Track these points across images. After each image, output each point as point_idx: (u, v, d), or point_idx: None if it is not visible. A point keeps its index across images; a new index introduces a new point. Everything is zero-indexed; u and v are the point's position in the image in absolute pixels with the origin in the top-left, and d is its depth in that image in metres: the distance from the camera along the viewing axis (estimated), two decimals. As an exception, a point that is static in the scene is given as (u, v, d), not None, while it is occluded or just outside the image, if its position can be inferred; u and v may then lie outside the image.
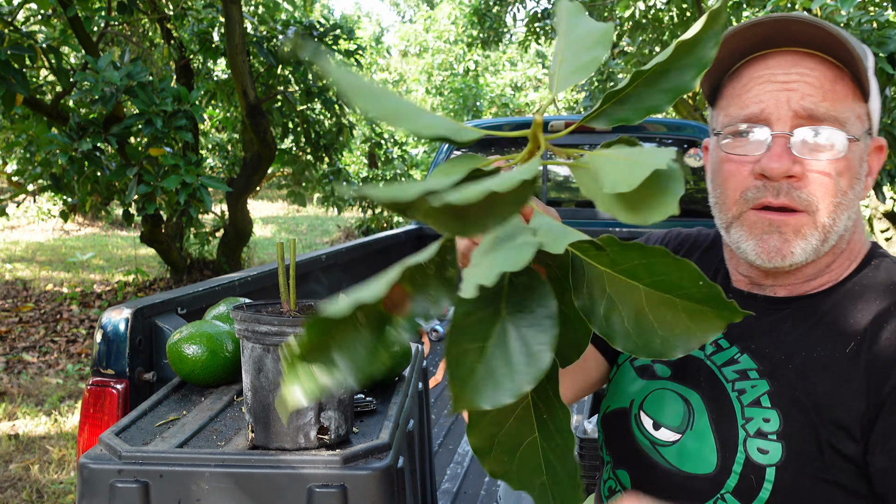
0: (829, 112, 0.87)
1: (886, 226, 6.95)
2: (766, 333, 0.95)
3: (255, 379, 0.99)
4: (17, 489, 3.32)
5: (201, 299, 1.92)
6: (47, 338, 5.91)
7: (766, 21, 0.87)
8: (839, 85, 0.88)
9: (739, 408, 0.92)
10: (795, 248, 0.89)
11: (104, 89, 4.49)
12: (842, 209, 0.89)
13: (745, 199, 0.91)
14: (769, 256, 0.90)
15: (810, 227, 0.89)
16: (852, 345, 0.88)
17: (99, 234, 13.68)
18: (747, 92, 0.91)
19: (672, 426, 0.97)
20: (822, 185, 0.88)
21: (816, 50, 0.88)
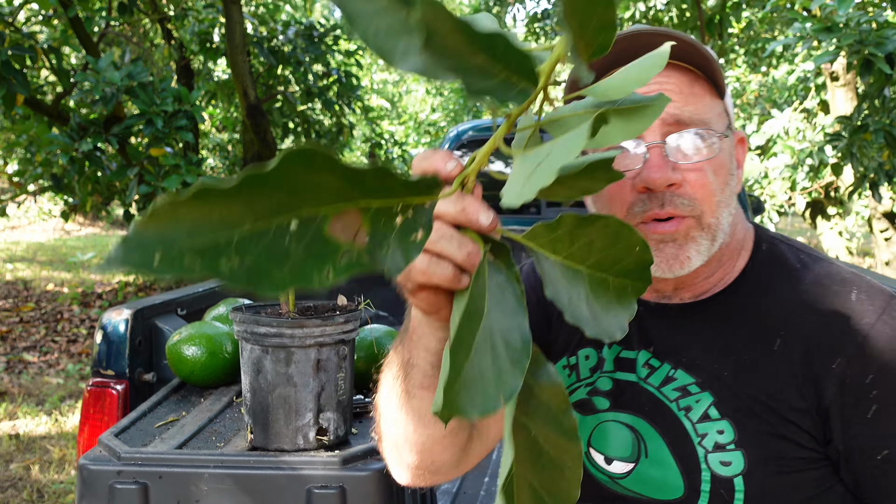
0: (693, 115, 0.89)
1: (885, 226, 6.94)
2: (691, 343, 0.96)
3: (254, 380, 1.00)
4: (18, 489, 3.32)
5: (201, 300, 1.92)
6: (48, 338, 5.92)
7: (619, 38, 0.87)
8: (696, 87, 0.90)
9: (690, 426, 0.92)
10: (690, 252, 0.90)
11: (105, 89, 4.49)
12: (723, 206, 0.91)
13: (632, 214, 0.91)
14: (669, 266, 0.90)
15: (698, 229, 0.90)
16: (779, 341, 0.89)
17: (99, 234, 13.69)
18: None
19: (623, 457, 0.97)
20: (702, 186, 0.89)
21: (671, 58, 0.89)
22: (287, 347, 0.97)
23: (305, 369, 0.98)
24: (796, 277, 0.92)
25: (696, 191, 0.89)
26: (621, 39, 0.86)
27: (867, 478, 0.85)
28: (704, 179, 0.89)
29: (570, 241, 0.53)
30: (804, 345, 0.87)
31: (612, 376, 1.00)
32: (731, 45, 8.87)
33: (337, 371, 1.01)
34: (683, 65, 0.90)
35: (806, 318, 0.88)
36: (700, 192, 0.89)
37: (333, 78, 7.37)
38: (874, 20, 4.25)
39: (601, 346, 1.03)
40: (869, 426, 0.84)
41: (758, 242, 0.98)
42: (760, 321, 0.91)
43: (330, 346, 0.99)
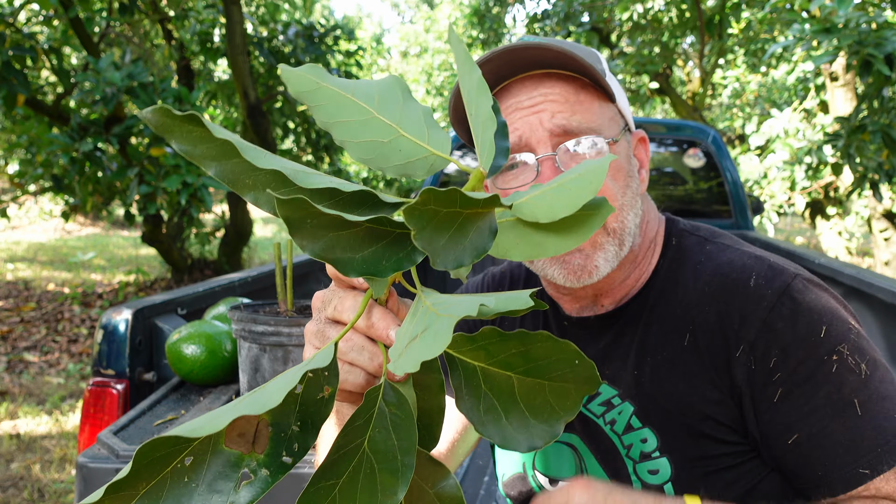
0: (581, 123, 0.88)
1: (885, 226, 6.94)
2: (612, 354, 0.95)
3: (252, 379, 1.01)
4: (19, 488, 3.33)
5: (201, 300, 1.93)
6: (49, 337, 5.93)
7: (495, 56, 0.87)
8: (582, 95, 0.90)
9: (616, 438, 0.93)
10: (598, 260, 0.89)
11: (105, 90, 4.51)
12: (626, 210, 0.91)
13: None
14: (577, 276, 0.90)
15: (602, 235, 0.89)
16: (688, 336, 0.89)
17: (100, 234, 13.71)
18: None
19: (568, 477, 0.98)
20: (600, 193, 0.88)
21: (551, 68, 0.89)
22: (284, 346, 0.98)
23: (302, 368, 0.99)
24: (699, 270, 0.92)
25: None
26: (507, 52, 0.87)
27: (784, 461, 0.85)
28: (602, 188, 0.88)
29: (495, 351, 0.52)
30: (709, 337, 0.87)
31: None
32: (731, 46, 8.87)
33: (334, 369, 1.03)
34: (568, 73, 0.89)
35: (708, 309, 0.88)
36: None
37: (333, 78, 7.38)
38: (873, 21, 4.26)
39: None
40: (777, 411, 0.83)
41: (668, 237, 0.98)
42: (670, 319, 0.91)
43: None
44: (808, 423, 0.82)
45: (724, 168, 4.07)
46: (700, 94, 9.31)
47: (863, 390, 0.81)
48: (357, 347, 0.60)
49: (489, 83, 0.90)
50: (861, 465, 0.79)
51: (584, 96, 0.90)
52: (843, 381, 0.81)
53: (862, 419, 0.80)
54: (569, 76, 0.89)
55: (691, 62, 10.54)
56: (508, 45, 0.87)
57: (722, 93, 10.43)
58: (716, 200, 4.05)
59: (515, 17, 10.58)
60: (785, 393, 0.83)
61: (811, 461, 0.82)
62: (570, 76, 0.89)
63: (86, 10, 5.57)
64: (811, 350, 0.82)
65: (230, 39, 6.18)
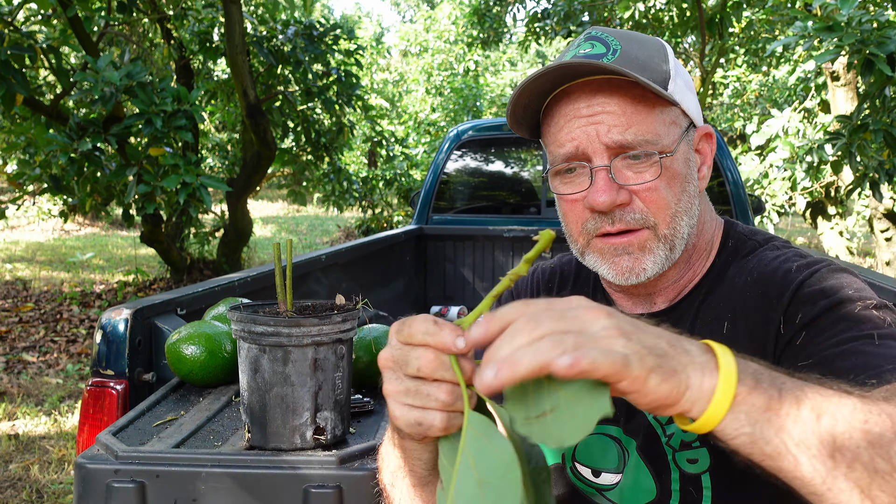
0: (637, 136, 0.89)
1: (886, 225, 6.93)
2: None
3: (252, 379, 1.00)
4: (17, 489, 3.32)
5: (201, 300, 1.92)
6: (47, 338, 5.91)
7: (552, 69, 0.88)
8: (641, 105, 0.90)
9: (659, 426, 0.94)
10: (646, 263, 0.92)
11: (104, 89, 4.49)
12: (680, 216, 0.93)
13: (585, 230, 0.94)
14: (624, 276, 0.93)
15: (654, 241, 0.92)
16: (726, 324, 0.92)
17: (99, 234, 13.69)
18: (559, 130, 0.93)
19: (611, 468, 0.99)
20: (653, 202, 0.91)
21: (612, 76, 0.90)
22: (284, 346, 0.97)
23: (303, 368, 0.98)
24: (745, 264, 0.95)
25: (648, 205, 0.91)
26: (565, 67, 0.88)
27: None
28: (656, 195, 0.91)
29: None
30: (750, 322, 0.89)
31: None
32: (732, 45, 8.86)
33: (334, 370, 1.01)
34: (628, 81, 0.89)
35: (749, 295, 0.91)
36: (651, 206, 0.91)
37: (333, 77, 7.37)
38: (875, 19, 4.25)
39: None
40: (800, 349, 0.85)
41: (725, 239, 1.00)
42: (713, 311, 0.94)
43: (327, 346, 0.99)
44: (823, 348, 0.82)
45: (724, 167, 4.06)
46: (701, 94, 9.30)
47: (884, 330, 0.81)
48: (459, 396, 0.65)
49: (547, 86, 0.92)
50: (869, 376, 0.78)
51: (643, 106, 0.90)
52: (864, 320, 0.82)
53: (878, 347, 0.80)
54: (629, 82, 0.89)
55: (692, 62, 10.53)
56: (567, 61, 0.88)
57: (723, 92, 10.42)
58: (716, 200, 4.04)
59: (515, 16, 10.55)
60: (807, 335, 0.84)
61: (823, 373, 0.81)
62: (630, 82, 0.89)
63: (84, 10, 5.55)
64: (837, 300, 0.84)
65: (229, 39, 6.17)
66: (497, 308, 0.61)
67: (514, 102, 0.94)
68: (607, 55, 0.91)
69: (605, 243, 0.93)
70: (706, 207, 1.00)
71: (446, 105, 15.63)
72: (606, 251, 0.94)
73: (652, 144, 0.90)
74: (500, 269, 4.51)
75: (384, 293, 3.87)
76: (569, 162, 0.92)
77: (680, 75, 0.94)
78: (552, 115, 0.94)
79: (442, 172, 4.55)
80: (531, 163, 4.77)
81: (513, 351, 0.56)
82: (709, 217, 1.00)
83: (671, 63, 0.94)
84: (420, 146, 13.44)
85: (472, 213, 4.61)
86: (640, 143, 0.89)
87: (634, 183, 0.90)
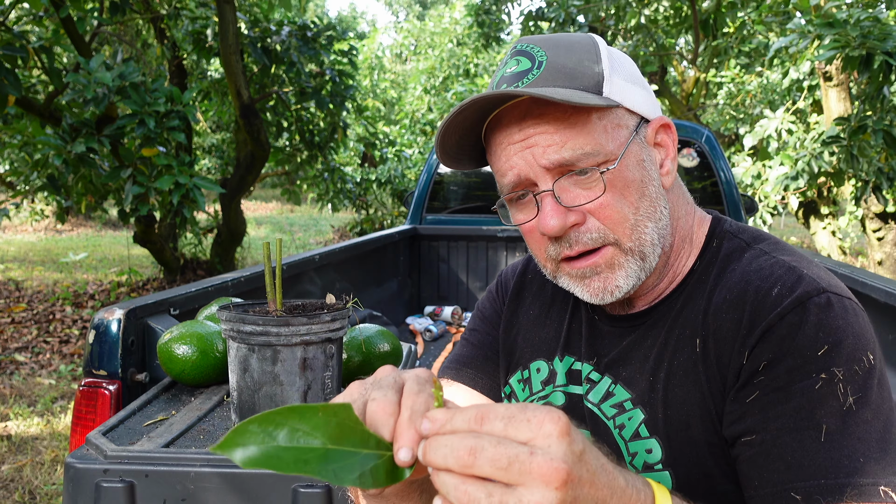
0: (575, 152, 0.83)
1: (878, 225, 6.97)
2: (631, 356, 0.93)
3: (241, 378, 1.00)
4: (10, 490, 3.31)
5: (194, 300, 1.92)
6: (40, 338, 5.89)
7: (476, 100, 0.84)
8: (574, 117, 0.84)
9: (623, 444, 0.91)
10: (618, 280, 0.87)
11: (96, 90, 4.47)
12: (642, 224, 0.87)
13: (549, 256, 0.91)
14: (599, 296, 0.89)
15: (620, 255, 0.87)
16: (698, 342, 0.86)
17: (91, 234, 13.65)
18: (498, 160, 0.88)
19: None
20: (608, 217, 0.85)
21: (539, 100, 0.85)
22: (273, 346, 0.97)
23: (292, 368, 0.98)
24: (728, 276, 0.88)
25: (604, 222, 0.86)
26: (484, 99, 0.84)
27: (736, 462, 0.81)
28: (610, 210, 0.85)
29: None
30: (720, 345, 0.84)
31: (564, 390, 0.98)
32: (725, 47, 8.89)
33: (324, 370, 1.01)
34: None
35: (724, 317, 0.84)
36: (608, 222, 0.86)
37: (327, 77, 7.36)
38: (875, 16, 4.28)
39: (552, 357, 1.01)
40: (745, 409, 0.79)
41: (710, 237, 0.94)
42: (691, 324, 0.88)
43: (317, 345, 0.99)
44: (766, 428, 0.76)
45: (717, 168, 4.08)
46: (694, 95, 9.33)
47: (836, 420, 0.74)
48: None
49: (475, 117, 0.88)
50: (796, 488, 0.73)
51: (577, 118, 0.84)
52: (820, 403, 0.75)
53: (821, 445, 0.73)
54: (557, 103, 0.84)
55: (685, 62, 10.56)
56: (481, 95, 0.83)
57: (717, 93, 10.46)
58: (709, 200, 4.06)
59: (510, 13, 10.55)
60: (760, 395, 0.78)
61: (753, 467, 0.77)
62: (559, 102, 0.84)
63: (77, 10, 5.54)
64: (802, 363, 0.77)
65: (223, 39, 6.16)
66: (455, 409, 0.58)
67: (442, 142, 0.89)
68: (532, 70, 0.86)
69: (572, 268, 0.89)
70: (679, 202, 0.94)
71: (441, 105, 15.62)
72: (574, 275, 0.89)
73: (593, 157, 0.84)
74: (494, 269, 4.52)
75: (378, 293, 3.88)
76: (515, 190, 0.88)
77: (617, 72, 0.88)
78: (489, 144, 0.90)
79: (436, 172, 4.55)
80: (525, 163, 4.78)
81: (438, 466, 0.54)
82: (683, 212, 0.94)
83: (604, 61, 0.88)
84: (415, 146, 13.43)
85: (465, 213, 4.61)
86: (580, 158, 0.83)
87: (584, 202, 0.85)
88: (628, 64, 0.91)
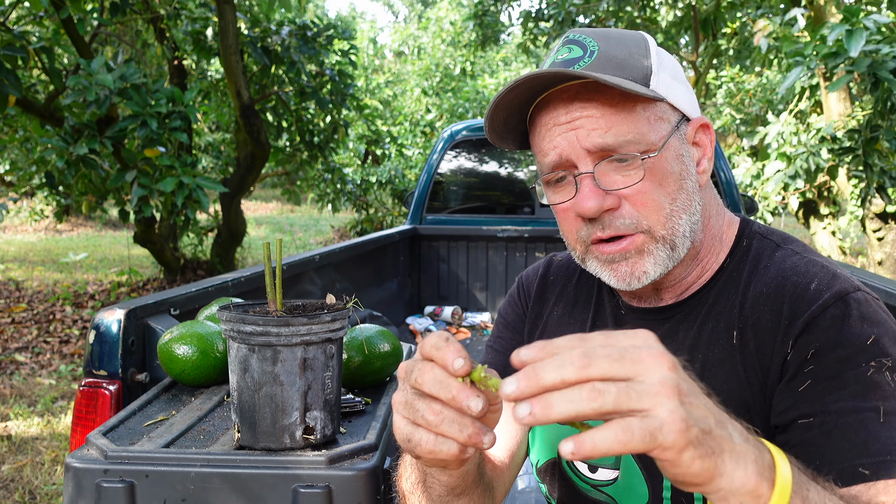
0: (618, 138, 0.86)
1: (878, 225, 6.97)
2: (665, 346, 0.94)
3: (241, 379, 1.00)
4: (10, 490, 3.31)
5: (194, 300, 1.92)
6: (40, 338, 5.89)
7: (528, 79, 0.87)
8: (621, 105, 0.87)
9: None
10: (646, 266, 0.90)
11: (97, 92, 4.47)
12: (677, 215, 0.89)
13: (580, 238, 0.93)
14: (625, 281, 0.91)
15: (651, 242, 0.89)
16: (735, 334, 0.89)
17: (91, 234, 13.65)
18: (542, 140, 0.91)
19: (608, 464, 0.97)
20: (643, 204, 0.88)
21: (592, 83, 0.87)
22: (273, 346, 0.97)
23: (292, 368, 0.98)
24: (763, 272, 0.91)
25: (639, 209, 0.88)
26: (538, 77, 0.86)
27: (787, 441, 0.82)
28: (645, 197, 0.88)
29: None
30: (760, 337, 0.86)
31: None
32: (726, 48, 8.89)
33: (324, 370, 1.01)
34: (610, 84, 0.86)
35: (763, 309, 0.87)
36: (643, 209, 0.88)
37: (326, 77, 7.36)
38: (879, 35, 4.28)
39: None
40: (797, 398, 0.81)
41: (739, 237, 0.97)
42: (725, 317, 0.91)
43: (317, 345, 0.99)
44: (826, 411, 0.79)
45: (717, 167, 4.08)
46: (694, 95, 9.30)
47: (891, 401, 0.77)
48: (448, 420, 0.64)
49: (525, 97, 0.91)
50: (864, 464, 0.75)
51: (623, 106, 0.87)
52: (874, 388, 0.78)
53: (881, 426, 0.76)
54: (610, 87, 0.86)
55: (685, 62, 10.56)
56: (537, 72, 0.86)
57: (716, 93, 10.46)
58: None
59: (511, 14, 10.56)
60: (812, 384, 0.80)
61: (815, 447, 0.79)
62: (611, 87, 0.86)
63: (77, 11, 5.54)
64: (852, 353, 0.80)
65: (223, 39, 6.16)
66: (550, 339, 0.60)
67: (491, 117, 0.92)
68: (584, 58, 0.89)
69: (602, 252, 0.91)
70: (712, 202, 0.97)
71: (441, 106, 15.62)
72: (603, 259, 0.92)
73: (635, 145, 0.87)
74: (494, 269, 4.52)
75: (378, 293, 3.88)
76: (555, 171, 0.91)
77: (664, 68, 0.92)
78: (534, 125, 0.93)
79: (436, 172, 4.56)
80: (525, 163, 4.78)
81: (553, 382, 0.55)
82: (714, 211, 0.97)
83: (653, 57, 0.91)
84: (415, 146, 13.43)
85: (465, 213, 4.61)
86: (623, 145, 0.86)
87: (622, 186, 0.87)
88: (674, 63, 0.95)
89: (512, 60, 20.38)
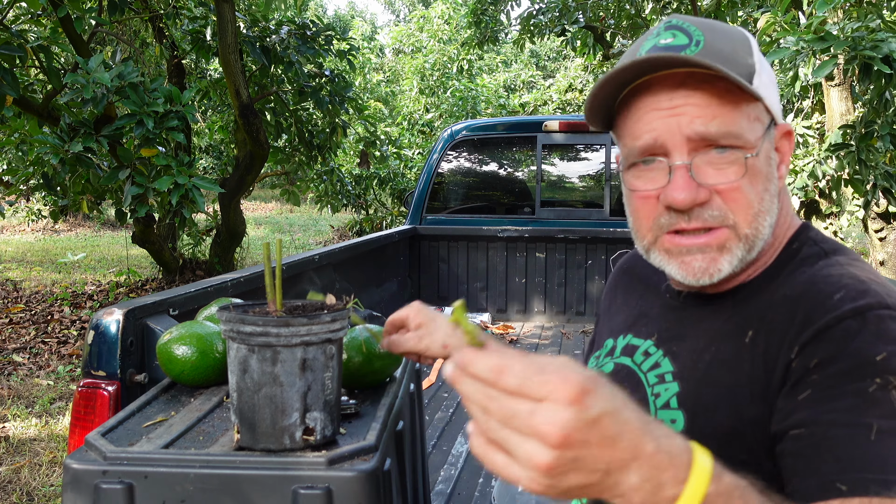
0: (720, 130, 0.85)
1: (880, 225, 6.97)
2: (687, 334, 0.96)
3: (241, 379, 0.99)
4: (7, 492, 3.30)
5: (193, 300, 1.91)
6: (38, 339, 5.88)
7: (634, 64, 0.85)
8: (726, 99, 0.86)
9: (654, 411, 0.93)
10: (722, 263, 0.88)
11: (95, 91, 4.46)
12: (762, 216, 0.88)
13: (657, 225, 0.91)
14: (696, 276, 0.89)
15: (734, 240, 0.88)
16: (750, 333, 0.87)
17: (90, 234, 13.63)
18: (637, 122, 0.89)
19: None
20: (734, 200, 0.87)
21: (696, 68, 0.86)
22: (273, 346, 0.96)
23: (292, 368, 0.97)
24: (798, 276, 0.90)
25: (728, 205, 0.87)
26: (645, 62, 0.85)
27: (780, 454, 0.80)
28: (738, 194, 0.87)
29: None
30: (769, 337, 0.85)
31: (616, 360, 1.04)
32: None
33: (324, 370, 1.01)
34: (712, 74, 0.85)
35: (781, 311, 0.86)
36: (732, 205, 0.87)
37: (325, 78, 7.35)
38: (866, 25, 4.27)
39: (618, 335, 1.08)
40: (796, 406, 0.79)
41: (792, 240, 0.96)
42: (746, 315, 0.90)
43: (317, 346, 0.98)
44: (816, 422, 0.76)
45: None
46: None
47: (889, 422, 0.73)
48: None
49: (628, 77, 0.89)
50: (843, 480, 0.72)
51: (728, 99, 0.85)
52: (873, 404, 0.74)
53: (871, 443, 0.73)
54: (713, 75, 0.85)
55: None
56: (655, 56, 0.85)
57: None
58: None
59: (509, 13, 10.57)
60: (812, 394, 0.78)
61: (800, 460, 0.77)
62: (715, 76, 0.85)
63: (75, 9, 5.52)
64: (857, 366, 0.76)
65: (222, 38, 6.15)
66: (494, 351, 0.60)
67: (595, 94, 0.90)
68: (690, 46, 0.87)
69: (677, 243, 0.89)
70: (787, 209, 0.96)
71: (439, 105, 15.62)
72: (674, 251, 0.90)
73: (735, 139, 0.85)
74: (494, 269, 4.51)
75: (378, 293, 3.87)
76: (645, 155, 0.89)
77: (765, 70, 0.90)
78: (629, 107, 0.90)
79: (436, 172, 4.55)
80: (525, 163, 4.77)
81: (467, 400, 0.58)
82: (785, 213, 0.96)
83: (756, 56, 0.90)
84: (414, 147, 13.42)
85: (466, 213, 4.61)
86: (725, 137, 0.85)
87: (716, 181, 0.86)
88: (769, 67, 0.94)
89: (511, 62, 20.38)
